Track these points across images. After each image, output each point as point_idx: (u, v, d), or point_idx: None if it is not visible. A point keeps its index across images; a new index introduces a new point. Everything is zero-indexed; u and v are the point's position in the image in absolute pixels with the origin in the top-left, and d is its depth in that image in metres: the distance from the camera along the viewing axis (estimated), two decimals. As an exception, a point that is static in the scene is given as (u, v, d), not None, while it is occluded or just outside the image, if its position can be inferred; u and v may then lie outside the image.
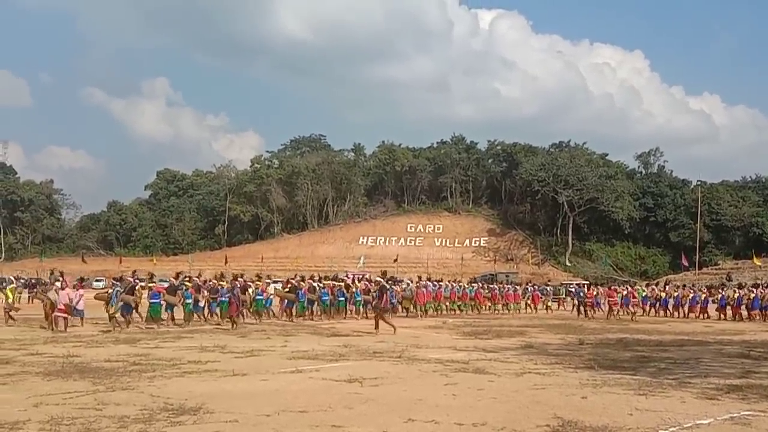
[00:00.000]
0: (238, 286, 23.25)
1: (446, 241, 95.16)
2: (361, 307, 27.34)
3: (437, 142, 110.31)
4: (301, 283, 26.49)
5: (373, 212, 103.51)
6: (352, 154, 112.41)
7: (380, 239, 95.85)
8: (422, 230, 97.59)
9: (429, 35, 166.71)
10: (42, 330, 19.68)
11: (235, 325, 21.38)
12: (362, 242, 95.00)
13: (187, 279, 24.30)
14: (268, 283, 27.20)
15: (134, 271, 25.16)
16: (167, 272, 36.04)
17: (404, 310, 29.42)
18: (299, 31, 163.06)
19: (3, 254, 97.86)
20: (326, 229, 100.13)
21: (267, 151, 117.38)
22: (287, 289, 26.57)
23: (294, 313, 25.65)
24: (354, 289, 27.14)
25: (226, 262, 65.16)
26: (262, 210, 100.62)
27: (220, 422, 7.50)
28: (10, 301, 22.78)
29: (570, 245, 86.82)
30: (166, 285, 23.78)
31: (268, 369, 11.96)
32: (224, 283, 23.84)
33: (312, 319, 25.74)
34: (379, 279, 22.75)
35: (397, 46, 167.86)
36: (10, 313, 22.34)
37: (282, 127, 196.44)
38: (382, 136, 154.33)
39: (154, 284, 23.16)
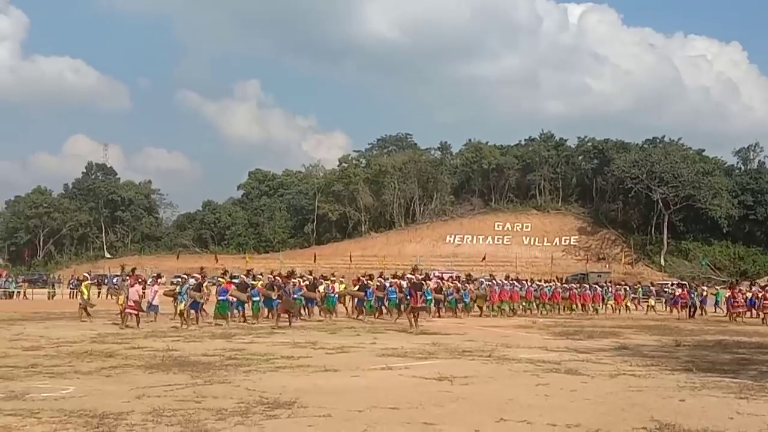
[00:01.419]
0: (292, 284, 23.11)
1: (535, 239, 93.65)
2: (432, 305, 26.37)
3: (525, 140, 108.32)
4: (370, 281, 26.52)
5: (460, 210, 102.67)
6: (439, 152, 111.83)
7: (467, 238, 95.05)
8: (510, 229, 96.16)
9: (517, 31, 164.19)
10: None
11: (279, 323, 21.15)
12: (449, 241, 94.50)
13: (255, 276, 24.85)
14: (333, 281, 27.21)
15: (201, 268, 25.81)
16: (259, 270, 36.72)
17: (479, 309, 29.22)
18: (387, 31, 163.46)
19: (105, 252, 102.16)
20: (413, 228, 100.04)
21: (354, 151, 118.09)
22: (357, 287, 26.67)
23: (364, 312, 25.69)
24: (425, 288, 26.71)
25: (315, 260, 66.16)
26: (350, 209, 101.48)
27: (313, 416, 7.67)
28: (86, 297, 23.68)
29: (665, 244, 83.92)
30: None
31: (358, 365, 12.11)
32: (297, 281, 24.16)
33: (382, 318, 25.49)
34: (410, 276, 22.45)
35: (485, 43, 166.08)
36: (87, 309, 23.14)
37: (369, 127, 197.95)
38: (469, 134, 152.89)
39: (223, 280, 23.61)
